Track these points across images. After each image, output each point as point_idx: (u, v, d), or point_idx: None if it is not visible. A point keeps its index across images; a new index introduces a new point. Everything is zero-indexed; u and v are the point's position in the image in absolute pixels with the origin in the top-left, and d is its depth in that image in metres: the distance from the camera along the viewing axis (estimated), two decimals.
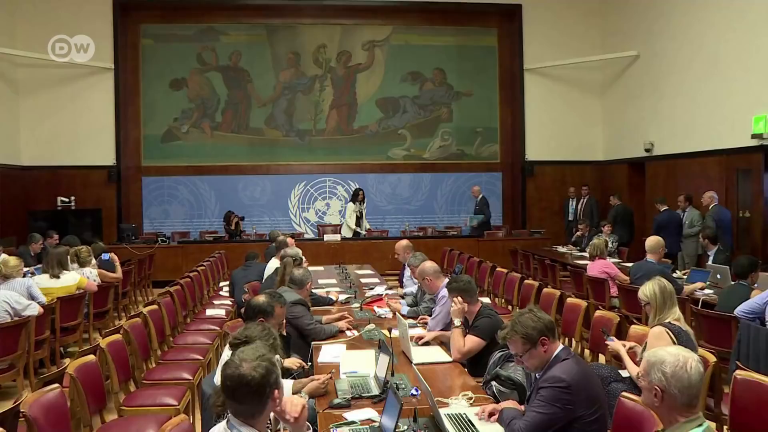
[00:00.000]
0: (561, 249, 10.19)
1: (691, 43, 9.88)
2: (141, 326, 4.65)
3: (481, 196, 11.84)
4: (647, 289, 3.56)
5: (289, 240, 7.45)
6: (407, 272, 6.33)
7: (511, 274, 6.98)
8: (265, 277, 6.43)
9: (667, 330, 3.35)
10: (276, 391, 1.93)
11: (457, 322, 3.79)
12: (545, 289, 5.93)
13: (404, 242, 6.72)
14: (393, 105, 12.96)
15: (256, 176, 12.60)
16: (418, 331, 4.47)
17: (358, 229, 11.05)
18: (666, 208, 9.20)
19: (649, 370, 2.01)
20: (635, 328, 4.07)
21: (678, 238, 8.77)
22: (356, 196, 11.11)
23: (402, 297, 6.01)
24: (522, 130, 12.90)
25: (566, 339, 5.39)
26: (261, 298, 3.42)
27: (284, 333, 3.75)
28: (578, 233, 10.26)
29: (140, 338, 4.53)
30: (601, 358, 4.68)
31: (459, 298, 3.82)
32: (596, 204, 11.72)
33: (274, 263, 6.56)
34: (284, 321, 3.71)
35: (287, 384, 3.20)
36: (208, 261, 8.72)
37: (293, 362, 3.56)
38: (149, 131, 12.44)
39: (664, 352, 2.03)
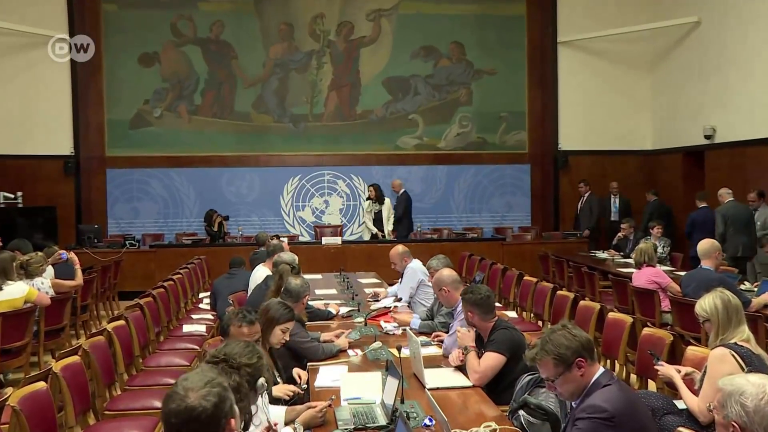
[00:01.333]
0: (601, 254, 10.20)
1: (766, 4, 9.74)
2: (104, 346, 4.62)
3: (402, 191, 11.90)
4: (706, 303, 3.53)
5: (284, 244, 7.48)
6: (408, 280, 6.40)
7: (541, 284, 7.00)
8: (251, 287, 6.45)
9: (733, 352, 3.31)
10: (232, 421, 1.88)
11: (469, 345, 3.85)
12: (582, 302, 5.92)
13: (399, 248, 6.76)
14: (402, 86, 12.96)
15: (243, 169, 12.61)
16: (432, 351, 4.50)
17: (378, 231, 11.11)
18: (705, 205, 9.42)
19: (725, 402, 1.96)
20: (693, 350, 4.04)
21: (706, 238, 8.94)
22: (374, 193, 11.17)
23: (409, 306, 6.08)
24: (554, 115, 12.89)
25: (607, 361, 5.36)
26: (225, 317, 3.39)
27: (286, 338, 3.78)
28: (620, 235, 10.23)
29: (103, 360, 4.49)
30: (651, 385, 4.65)
31: (470, 313, 3.87)
32: (598, 202, 11.93)
33: (262, 271, 6.57)
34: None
35: (279, 412, 3.21)
36: (186, 268, 8.75)
37: (284, 389, 3.57)
38: (114, 115, 12.42)
39: (744, 381, 1.98)
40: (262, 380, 2.61)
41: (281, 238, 10.19)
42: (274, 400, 3.36)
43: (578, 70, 12.85)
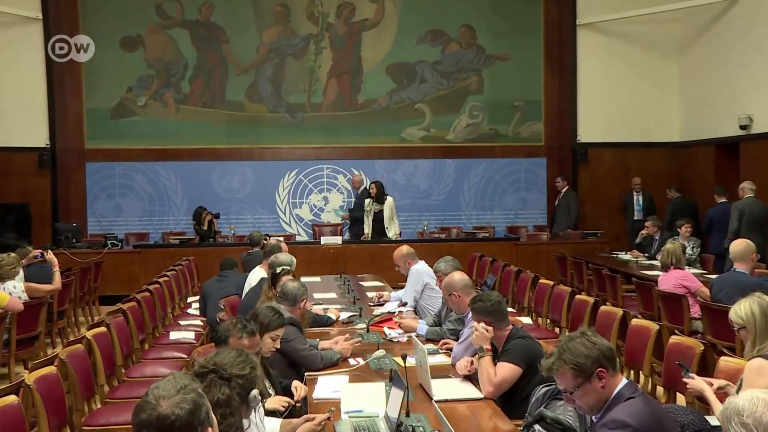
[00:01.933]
0: (623, 255, 10.20)
1: None
2: (83, 355, 4.60)
3: (362, 188, 11.90)
4: (742, 309, 3.52)
5: (283, 245, 7.49)
6: (413, 283, 6.44)
7: (558, 288, 7.03)
8: (245, 290, 6.46)
9: None
10: (209, 430, 1.87)
11: (485, 347, 3.84)
12: (603, 307, 5.92)
13: (404, 249, 6.81)
14: (408, 73, 12.96)
15: (235, 162, 12.63)
16: (439, 359, 4.53)
17: (368, 233, 11.13)
18: (724, 200, 9.61)
19: (728, 429, 1.98)
20: (726, 361, 4.01)
21: (724, 236, 9.15)
22: (375, 191, 11.10)
23: (415, 311, 6.11)
24: (573, 104, 12.90)
25: (631, 372, 5.36)
26: (221, 327, 3.39)
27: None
28: (644, 233, 10.21)
29: (82, 371, 4.48)
30: (680, 399, 4.64)
31: (483, 323, 3.88)
32: (574, 198, 12.02)
33: (258, 273, 6.63)
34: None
35: (274, 425, 3.26)
36: (173, 270, 8.77)
37: (278, 401, 3.57)
38: (94, 104, 12.40)
39: (737, 400, 2.01)
40: (255, 392, 2.60)
41: (278, 239, 10.24)
42: (269, 413, 3.36)
43: (599, 55, 12.82)
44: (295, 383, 3.90)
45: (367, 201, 11.22)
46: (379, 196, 11.05)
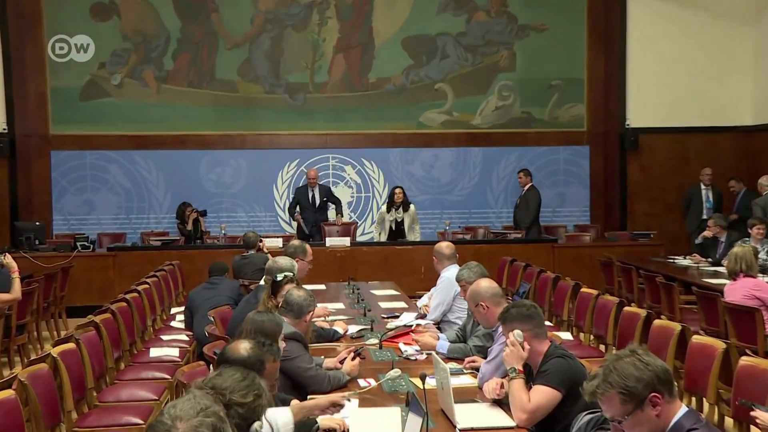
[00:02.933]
0: (682, 261, 10.15)
1: None
2: (47, 376, 4.55)
3: (322, 182, 12.03)
4: None
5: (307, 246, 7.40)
6: (442, 292, 6.47)
7: (603, 298, 6.98)
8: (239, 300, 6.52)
9: None
10: None
11: (517, 367, 3.82)
12: (657, 321, 5.86)
13: (446, 245, 6.88)
14: (428, 47, 12.94)
15: (226, 151, 12.68)
16: (464, 380, 4.50)
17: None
18: None
19: None
20: None
21: None
22: (391, 198, 11.29)
23: (438, 327, 6.09)
24: (622, 83, 12.84)
25: (692, 399, 5.32)
26: (242, 347, 3.33)
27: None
28: (705, 234, 10.12)
29: (45, 395, 4.43)
30: None
31: (517, 331, 3.83)
32: (536, 196, 11.89)
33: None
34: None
35: (284, 417, 3.33)
36: (155, 277, 8.72)
37: (331, 422, 3.67)
38: (61, 83, 12.40)
39: None
40: (257, 425, 2.56)
41: (275, 239, 10.29)
42: None
43: (654, 24, 12.77)
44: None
45: (384, 207, 11.38)
46: (405, 202, 11.24)
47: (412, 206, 11.38)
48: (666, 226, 12.29)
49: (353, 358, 4.48)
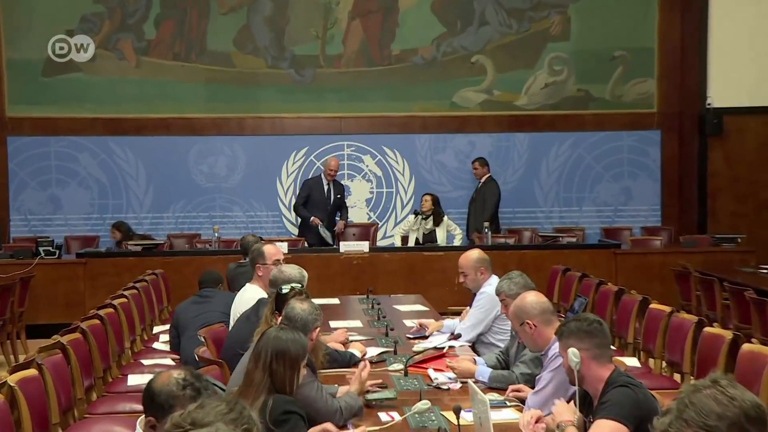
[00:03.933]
0: None
1: None
2: (3, 409, 4.48)
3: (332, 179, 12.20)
4: None
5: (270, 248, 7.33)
6: (482, 309, 6.56)
7: (678, 316, 6.92)
8: (235, 315, 6.47)
9: None
10: None
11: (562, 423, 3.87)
12: (747, 345, 5.70)
13: (475, 254, 6.86)
14: (462, 11, 12.99)
15: (220, 138, 12.80)
16: (507, 415, 4.52)
17: None
18: None
19: None
20: None
21: None
22: (429, 206, 11.56)
23: (473, 348, 6.21)
24: (702, 54, 12.67)
25: None
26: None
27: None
28: None
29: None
30: None
31: (573, 349, 3.84)
32: (493, 189, 12.10)
33: (252, 292, 6.61)
34: None
35: None
36: (134, 289, 8.71)
37: None
38: (18, 54, 12.45)
39: None
40: None
41: (280, 244, 10.19)
42: None
43: None
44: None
45: (413, 218, 11.66)
46: (437, 213, 11.53)
47: (445, 218, 11.68)
48: (757, 228, 12.17)
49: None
